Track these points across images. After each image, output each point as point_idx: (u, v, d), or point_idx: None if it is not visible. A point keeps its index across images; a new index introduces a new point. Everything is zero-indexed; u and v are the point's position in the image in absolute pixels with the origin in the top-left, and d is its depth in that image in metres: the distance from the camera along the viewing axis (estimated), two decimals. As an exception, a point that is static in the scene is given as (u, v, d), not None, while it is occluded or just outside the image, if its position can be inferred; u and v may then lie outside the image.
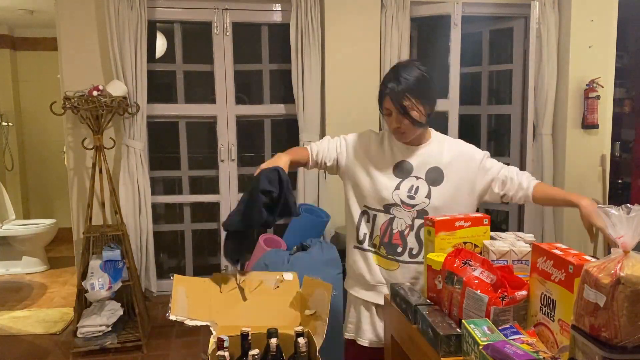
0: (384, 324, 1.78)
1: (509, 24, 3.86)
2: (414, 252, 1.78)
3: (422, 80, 1.69)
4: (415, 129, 1.71)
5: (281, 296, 1.64)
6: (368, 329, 1.88)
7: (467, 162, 1.79)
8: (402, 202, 1.75)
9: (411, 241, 1.77)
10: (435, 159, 1.77)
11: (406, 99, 1.65)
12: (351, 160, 1.84)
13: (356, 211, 1.84)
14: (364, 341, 1.88)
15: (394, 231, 1.78)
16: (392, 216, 1.77)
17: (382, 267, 1.81)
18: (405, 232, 1.77)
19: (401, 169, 1.78)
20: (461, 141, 1.86)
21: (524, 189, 1.75)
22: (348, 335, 1.95)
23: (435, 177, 1.76)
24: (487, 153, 1.82)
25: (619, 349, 0.94)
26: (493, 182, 1.78)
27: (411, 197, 1.75)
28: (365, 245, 1.83)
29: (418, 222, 1.76)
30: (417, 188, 1.76)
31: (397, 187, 1.76)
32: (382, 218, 1.79)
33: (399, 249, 1.78)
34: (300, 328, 1.39)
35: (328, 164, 1.86)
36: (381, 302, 1.77)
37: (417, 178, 1.76)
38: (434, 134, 1.83)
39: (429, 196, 1.75)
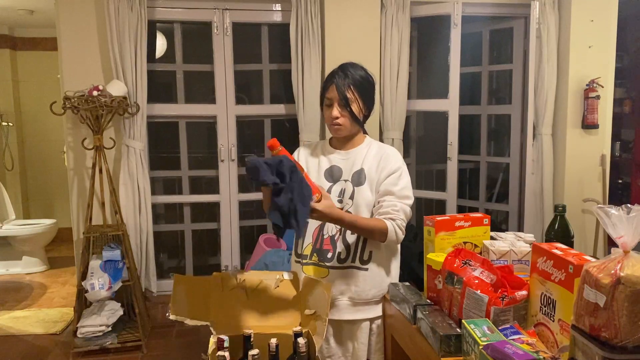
0: (385, 324, 1.78)
1: (509, 24, 3.86)
2: (342, 256, 1.76)
3: (367, 80, 1.77)
4: (351, 123, 1.74)
5: (281, 296, 1.64)
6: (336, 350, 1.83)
7: (381, 165, 1.76)
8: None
9: (340, 246, 1.76)
10: (361, 161, 1.78)
11: (349, 91, 1.71)
12: None
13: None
14: None
15: (325, 237, 1.77)
16: (322, 222, 1.77)
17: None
18: (336, 237, 1.76)
19: (331, 174, 1.80)
20: (389, 148, 1.83)
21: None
22: None
23: (358, 178, 1.76)
24: (402, 167, 1.77)
25: (619, 349, 0.94)
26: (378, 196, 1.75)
27: (340, 201, 1.76)
28: (300, 258, 1.82)
29: None
30: (344, 191, 1.77)
31: (328, 192, 1.76)
32: (313, 224, 1.78)
33: (329, 255, 1.77)
34: (299, 328, 1.39)
35: None
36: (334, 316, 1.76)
37: (346, 181, 1.77)
38: (367, 140, 1.84)
39: (352, 197, 1.75)
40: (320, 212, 1.56)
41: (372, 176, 1.75)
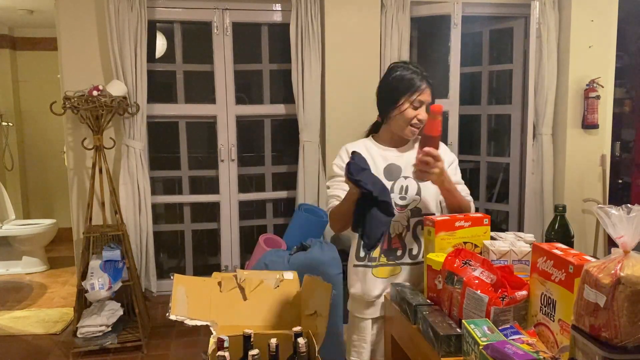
0: (384, 325, 1.78)
1: (509, 24, 3.86)
2: (414, 252, 1.78)
3: None
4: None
5: (281, 296, 1.64)
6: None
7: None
8: (395, 204, 1.75)
9: (409, 242, 1.77)
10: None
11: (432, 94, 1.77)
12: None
13: None
14: None
15: (392, 235, 1.77)
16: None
17: (384, 278, 1.79)
18: (403, 234, 1.77)
19: (390, 172, 1.79)
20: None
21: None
22: None
23: None
24: (456, 159, 1.86)
25: (619, 349, 0.94)
26: None
27: (403, 198, 1.76)
28: (366, 261, 1.81)
29: (413, 220, 1.76)
30: (406, 188, 1.77)
31: (392, 190, 1.75)
32: None
33: (399, 252, 1.78)
34: (299, 328, 1.39)
35: None
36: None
37: (406, 178, 1.77)
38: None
39: (419, 193, 1.76)
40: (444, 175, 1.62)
41: None
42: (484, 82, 4.10)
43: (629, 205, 1.00)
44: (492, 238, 1.63)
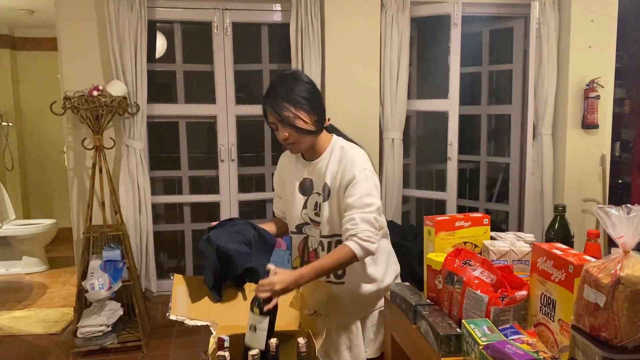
0: (384, 325, 1.78)
1: (509, 24, 3.86)
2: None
3: (301, 89, 1.65)
4: (304, 137, 1.65)
5: (281, 296, 1.64)
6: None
7: (339, 177, 1.67)
8: (311, 220, 1.74)
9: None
10: (324, 173, 1.70)
11: (286, 110, 1.61)
12: (279, 191, 1.87)
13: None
14: None
15: (310, 249, 1.76)
16: (305, 235, 1.76)
17: None
18: (318, 250, 1.75)
19: (304, 187, 1.75)
20: (348, 153, 1.69)
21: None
22: None
23: (324, 192, 1.70)
24: (355, 179, 1.63)
25: (619, 349, 0.94)
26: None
27: (317, 214, 1.72)
28: None
29: (325, 240, 1.72)
30: (318, 204, 1.72)
31: (305, 206, 1.73)
32: (297, 239, 1.78)
33: None
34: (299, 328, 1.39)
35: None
36: None
37: (318, 194, 1.72)
38: (331, 144, 1.73)
39: (321, 212, 1.70)
40: (282, 285, 1.48)
41: (334, 191, 1.68)
42: (484, 82, 4.10)
43: (629, 205, 1.01)
44: (492, 238, 1.63)
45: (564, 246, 1.24)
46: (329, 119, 1.75)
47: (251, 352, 1.28)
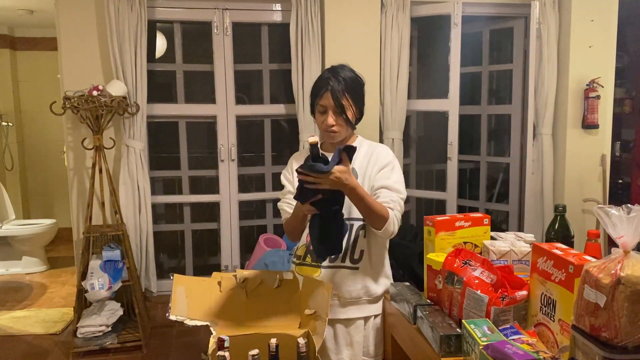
0: (385, 324, 1.78)
1: (509, 24, 3.86)
2: (333, 256, 1.74)
3: (358, 82, 1.75)
4: (346, 128, 1.74)
5: (281, 296, 1.64)
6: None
7: (372, 159, 1.76)
8: None
9: None
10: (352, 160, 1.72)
11: (344, 98, 1.69)
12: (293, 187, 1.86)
13: None
14: None
15: None
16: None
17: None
18: None
19: None
20: (379, 145, 1.83)
21: None
22: None
23: (354, 174, 1.70)
24: (393, 165, 1.74)
25: (619, 349, 0.94)
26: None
27: None
28: (294, 257, 1.83)
29: None
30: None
31: None
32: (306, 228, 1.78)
33: None
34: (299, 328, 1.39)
35: None
36: None
37: None
38: (358, 140, 1.83)
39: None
40: (336, 176, 1.46)
41: (363, 172, 1.74)
42: (484, 82, 4.10)
43: (629, 205, 1.01)
44: (492, 238, 1.63)
45: (564, 246, 1.24)
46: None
47: (251, 352, 1.28)
